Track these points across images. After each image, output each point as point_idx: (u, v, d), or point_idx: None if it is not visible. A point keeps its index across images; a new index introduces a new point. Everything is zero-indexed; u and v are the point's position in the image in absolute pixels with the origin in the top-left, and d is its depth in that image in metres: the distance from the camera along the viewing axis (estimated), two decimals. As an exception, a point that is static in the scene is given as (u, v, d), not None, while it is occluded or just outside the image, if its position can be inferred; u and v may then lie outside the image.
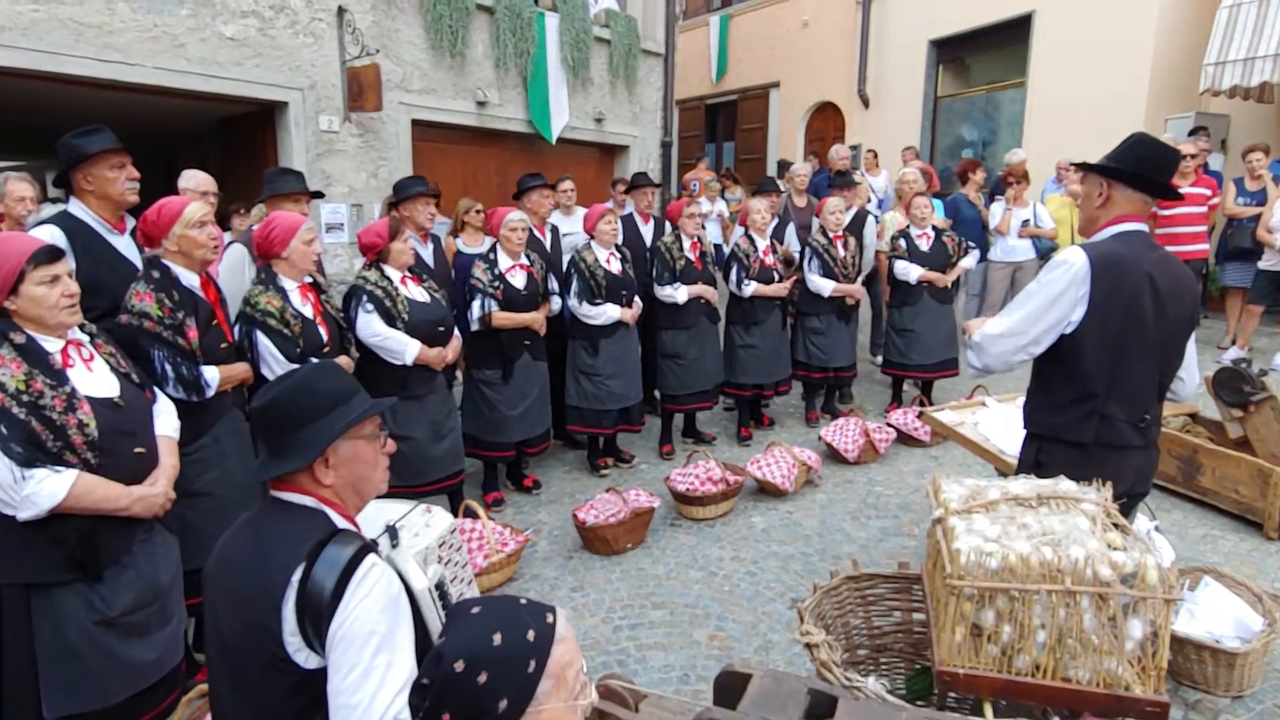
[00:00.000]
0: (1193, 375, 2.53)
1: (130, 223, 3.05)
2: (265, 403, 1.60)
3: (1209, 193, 6.77)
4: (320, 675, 1.43)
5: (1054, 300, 2.30)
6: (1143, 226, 2.38)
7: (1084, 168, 2.49)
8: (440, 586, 1.78)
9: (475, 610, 1.25)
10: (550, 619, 1.25)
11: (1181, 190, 6.48)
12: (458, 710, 1.16)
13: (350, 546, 1.46)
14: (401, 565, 1.63)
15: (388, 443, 1.70)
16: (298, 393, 1.59)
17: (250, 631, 1.44)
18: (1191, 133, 7.82)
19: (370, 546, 1.50)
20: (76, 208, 2.91)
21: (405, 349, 3.71)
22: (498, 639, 1.18)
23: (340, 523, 1.57)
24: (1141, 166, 2.34)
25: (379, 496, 1.74)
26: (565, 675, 1.22)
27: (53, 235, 2.78)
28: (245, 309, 3.11)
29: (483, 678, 1.16)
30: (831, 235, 5.69)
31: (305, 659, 1.43)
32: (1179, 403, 2.62)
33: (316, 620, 1.39)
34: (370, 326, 3.66)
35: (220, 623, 1.51)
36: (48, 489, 1.98)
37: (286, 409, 1.58)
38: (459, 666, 1.16)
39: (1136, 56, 8.80)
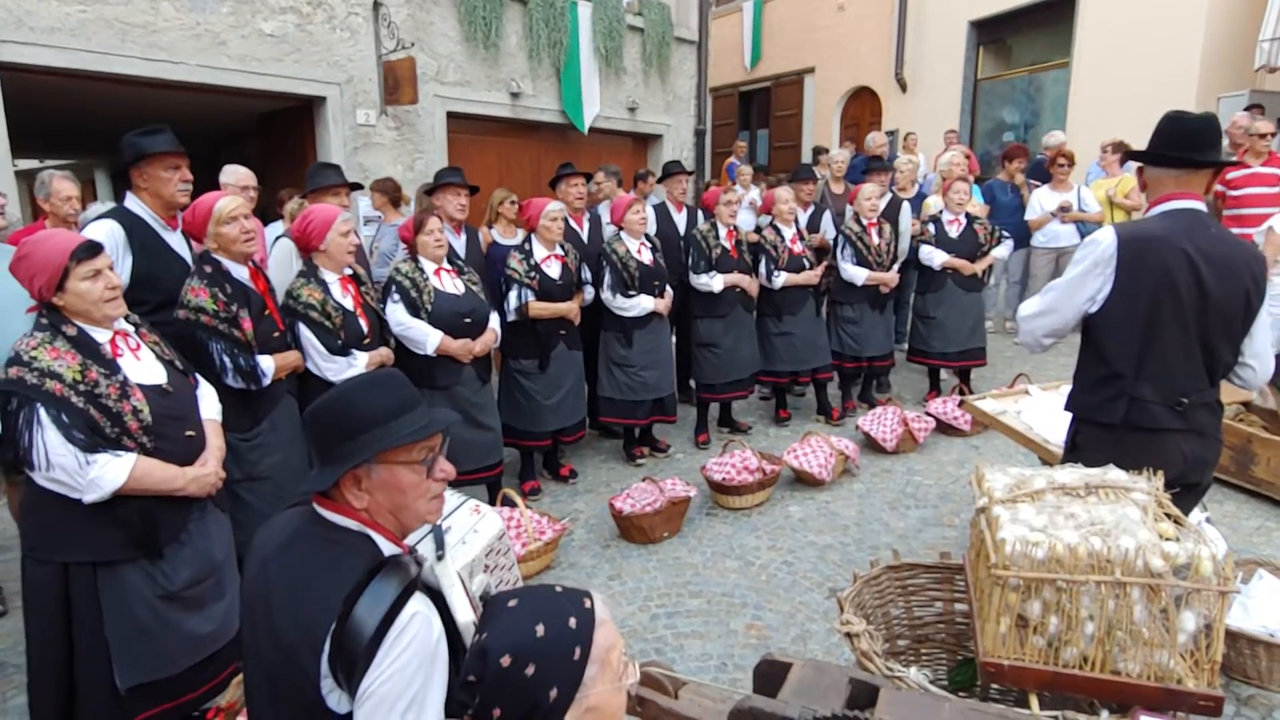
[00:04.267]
0: (1265, 363, 2.39)
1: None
2: (309, 412, 1.51)
3: None
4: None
5: (1081, 278, 2.34)
6: (1193, 203, 2.31)
7: (1127, 156, 2.51)
8: (485, 597, 1.74)
9: (512, 603, 1.22)
10: (588, 604, 1.24)
11: (1252, 169, 6.31)
12: (508, 705, 1.15)
13: (393, 585, 1.35)
14: (447, 590, 1.53)
15: (439, 469, 1.52)
16: (336, 406, 1.48)
17: (288, 669, 1.37)
18: (1246, 110, 7.55)
19: (415, 584, 1.39)
20: (133, 203, 3.01)
21: (426, 339, 3.74)
22: (541, 630, 1.17)
23: (387, 548, 1.46)
24: (1163, 144, 2.33)
25: None
26: (609, 658, 1.21)
27: (111, 230, 2.88)
28: (288, 301, 3.17)
29: (530, 670, 1.14)
30: (866, 222, 5.61)
31: (338, 701, 1.35)
32: (1247, 389, 2.55)
33: (349, 669, 1.31)
34: (395, 316, 3.71)
35: (260, 644, 1.43)
36: (111, 473, 2.08)
37: (324, 421, 1.47)
38: (505, 662, 1.14)
39: (1187, 32, 8.50)
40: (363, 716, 1.32)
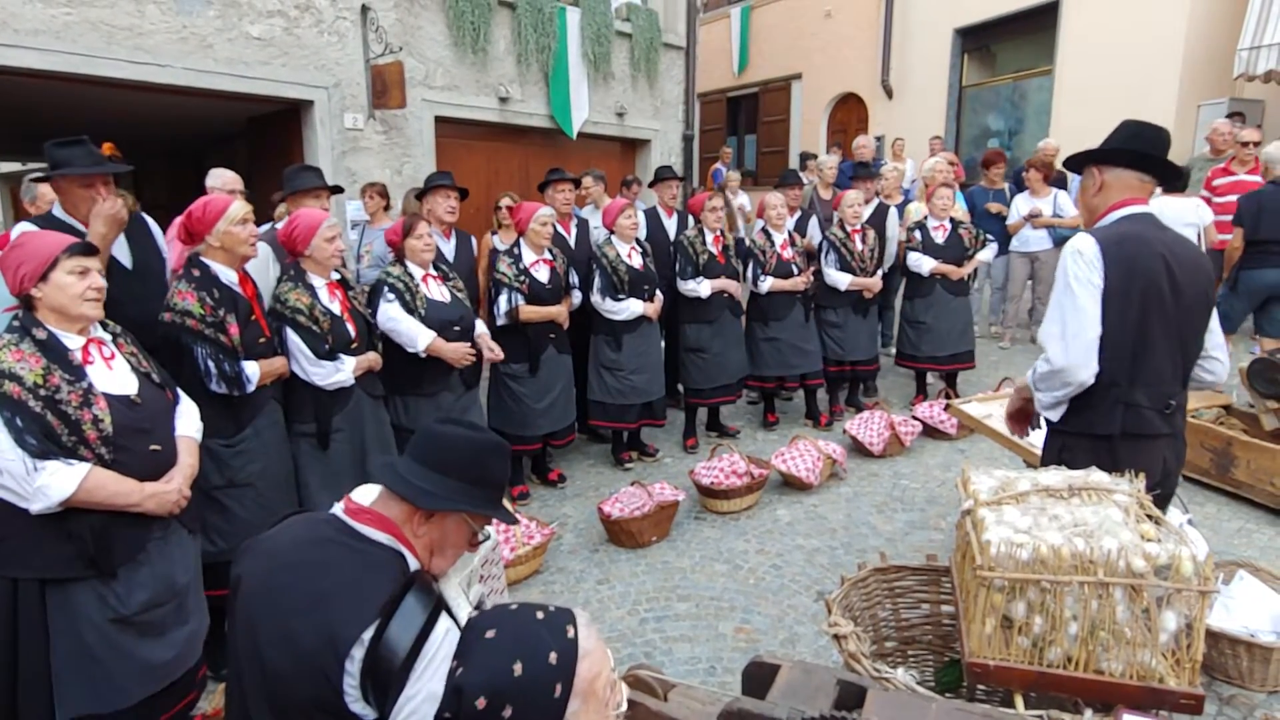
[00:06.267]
0: (1225, 353, 2.45)
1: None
2: (448, 432, 1.54)
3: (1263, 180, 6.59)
4: None
5: (1088, 290, 2.22)
6: (1147, 208, 2.34)
7: (1072, 161, 2.44)
8: (480, 607, 1.74)
9: (490, 634, 1.18)
10: (571, 633, 1.20)
11: (1237, 176, 6.38)
12: None
13: (426, 602, 1.36)
14: (452, 600, 1.56)
15: (478, 548, 1.62)
16: (477, 452, 1.52)
17: (304, 673, 1.33)
18: (1227, 118, 7.65)
19: (441, 601, 1.40)
20: (59, 210, 2.91)
21: (417, 336, 3.72)
22: (518, 669, 1.13)
23: (414, 564, 1.48)
24: (1130, 144, 2.32)
25: None
26: (594, 689, 1.18)
27: (25, 230, 2.73)
28: (275, 306, 3.16)
29: (507, 712, 1.11)
30: (850, 229, 5.65)
31: (361, 709, 1.32)
32: (1214, 385, 2.54)
33: (382, 688, 1.29)
34: (388, 313, 3.69)
35: (263, 648, 1.38)
36: (58, 481, 1.99)
37: (460, 456, 1.50)
38: (480, 704, 1.11)
39: (1168, 41, 8.62)
40: None
